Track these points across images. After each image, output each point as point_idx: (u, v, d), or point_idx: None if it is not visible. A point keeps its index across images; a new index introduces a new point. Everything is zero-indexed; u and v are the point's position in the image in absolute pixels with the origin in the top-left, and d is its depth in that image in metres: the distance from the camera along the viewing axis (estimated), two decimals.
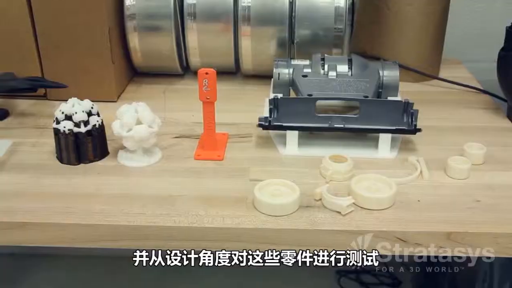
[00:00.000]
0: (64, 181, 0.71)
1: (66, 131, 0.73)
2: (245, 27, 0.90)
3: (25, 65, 0.90)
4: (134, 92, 0.97)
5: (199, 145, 0.78)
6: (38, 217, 0.63)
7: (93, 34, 0.87)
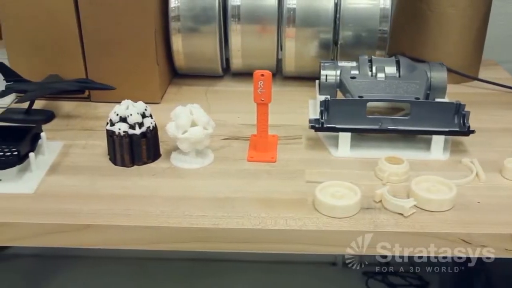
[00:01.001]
0: (120, 183, 0.71)
1: (121, 133, 0.73)
2: (289, 28, 0.90)
3: (70, 66, 0.90)
4: (175, 94, 0.97)
5: (251, 147, 0.78)
6: (100, 219, 0.64)
7: (140, 36, 0.87)
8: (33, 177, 0.71)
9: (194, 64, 0.96)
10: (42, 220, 0.64)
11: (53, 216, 0.64)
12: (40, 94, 0.84)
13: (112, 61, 0.89)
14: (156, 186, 0.70)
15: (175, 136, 0.72)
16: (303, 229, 0.63)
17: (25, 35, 0.88)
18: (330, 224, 0.63)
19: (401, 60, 0.84)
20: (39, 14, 0.87)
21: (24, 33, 0.88)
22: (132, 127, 0.73)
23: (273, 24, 0.91)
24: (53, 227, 0.63)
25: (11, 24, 0.88)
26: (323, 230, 0.62)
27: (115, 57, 0.89)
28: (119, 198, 0.67)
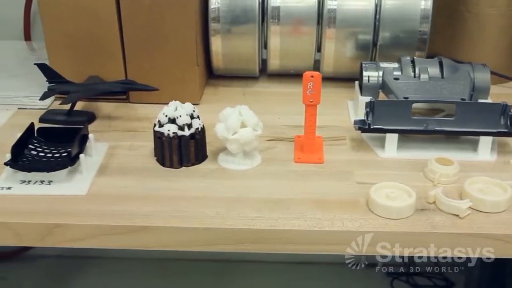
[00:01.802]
0: (170, 185, 0.71)
1: (170, 135, 0.72)
2: (330, 29, 0.90)
3: (109, 67, 0.90)
4: (213, 95, 0.97)
5: (297, 148, 0.78)
6: (156, 221, 0.64)
7: (180, 37, 0.87)
8: (84, 179, 0.71)
9: (232, 65, 0.96)
10: (97, 221, 0.64)
11: (108, 217, 0.64)
12: (84, 95, 0.84)
13: (152, 62, 0.89)
14: (207, 187, 0.70)
15: (225, 137, 0.72)
16: (361, 230, 0.63)
17: (66, 36, 0.88)
18: (387, 225, 0.63)
19: (444, 61, 0.84)
20: (81, 16, 0.87)
21: (64, 34, 0.88)
22: (181, 129, 0.73)
23: (313, 25, 0.91)
24: (108, 228, 0.63)
25: (52, 25, 0.88)
26: (381, 231, 0.62)
27: (155, 58, 0.88)
28: (172, 199, 0.67)
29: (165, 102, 0.88)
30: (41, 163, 0.71)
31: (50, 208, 0.66)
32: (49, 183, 0.70)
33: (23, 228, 0.64)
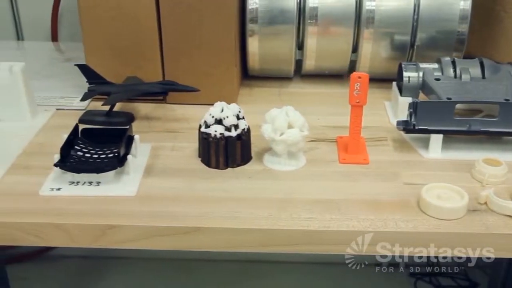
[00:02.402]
0: (219, 186, 0.70)
1: (217, 135, 0.72)
2: (368, 30, 0.90)
3: (147, 68, 0.90)
4: (248, 95, 0.96)
5: (341, 149, 0.78)
6: (209, 222, 0.64)
7: (219, 38, 0.87)
8: (132, 180, 0.71)
9: (267, 66, 0.96)
10: (150, 222, 0.64)
11: (160, 218, 0.64)
12: (126, 96, 0.84)
13: (190, 63, 0.89)
14: (256, 188, 0.70)
15: (272, 138, 0.72)
16: (415, 231, 0.62)
17: (104, 37, 0.88)
18: (441, 226, 0.63)
19: (485, 62, 0.84)
20: (120, 17, 0.87)
21: (103, 35, 0.88)
22: (228, 129, 0.73)
23: (350, 26, 0.91)
24: (162, 230, 0.63)
25: (90, 27, 0.88)
26: (436, 232, 0.62)
27: (193, 58, 0.88)
28: (222, 200, 0.67)
29: (202, 103, 0.89)
30: (90, 164, 0.71)
31: (102, 209, 0.66)
32: (97, 184, 0.70)
33: (76, 229, 0.64)
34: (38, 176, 0.72)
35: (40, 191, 0.69)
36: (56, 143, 0.80)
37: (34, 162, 0.76)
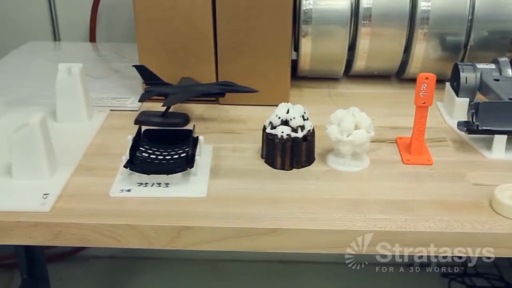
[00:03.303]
0: (288, 187, 0.70)
1: (284, 136, 0.72)
2: (422, 30, 0.90)
3: (200, 69, 0.90)
4: (299, 96, 0.96)
5: (403, 150, 0.78)
6: (286, 223, 0.63)
7: (275, 39, 0.87)
8: (200, 181, 0.71)
9: (318, 66, 0.96)
10: (225, 224, 0.64)
11: (235, 220, 0.64)
12: (185, 97, 0.84)
13: (244, 64, 0.89)
14: (325, 189, 0.70)
15: (338, 139, 0.72)
16: (492, 232, 0.62)
17: (158, 38, 0.88)
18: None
19: None
20: (175, 19, 0.87)
21: (157, 36, 0.88)
22: (295, 130, 0.73)
23: (403, 26, 0.91)
24: (239, 231, 0.63)
25: (145, 28, 0.88)
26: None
27: (247, 59, 0.89)
28: (295, 201, 0.67)
29: (254, 103, 0.89)
30: (159, 166, 0.71)
31: (175, 211, 0.66)
32: (166, 185, 0.70)
33: (152, 230, 0.64)
34: (104, 177, 0.72)
35: (110, 192, 0.69)
36: (115, 144, 0.81)
37: (97, 163, 0.76)
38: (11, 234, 0.64)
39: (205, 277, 1.60)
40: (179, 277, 1.60)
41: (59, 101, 0.84)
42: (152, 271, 1.61)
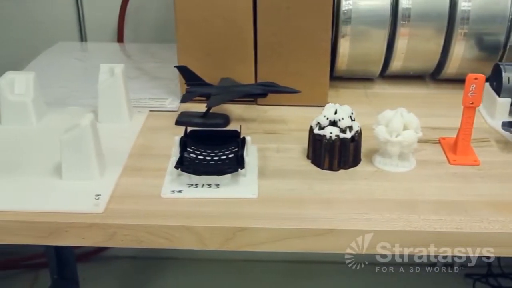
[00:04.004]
0: (337, 187, 0.70)
1: (332, 137, 0.72)
2: (461, 30, 0.90)
3: (239, 70, 0.90)
4: (336, 97, 0.96)
5: (447, 150, 0.78)
6: (341, 224, 0.63)
7: (315, 40, 0.87)
8: (250, 182, 0.71)
9: (355, 67, 0.96)
10: (280, 224, 0.64)
11: (289, 220, 0.64)
12: (228, 98, 0.84)
13: (284, 65, 0.89)
14: (375, 189, 0.70)
15: (387, 139, 0.72)
16: None
17: (198, 39, 0.88)
18: None
19: None
20: (216, 20, 0.87)
21: (197, 37, 0.88)
22: (343, 131, 0.73)
23: (442, 27, 0.91)
24: (293, 232, 0.63)
25: (185, 29, 0.88)
26: None
27: (286, 60, 0.89)
28: (346, 202, 0.67)
29: (293, 104, 0.90)
30: (210, 166, 0.71)
31: (228, 212, 0.66)
32: (216, 186, 0.70)
33: (207, 231, 0.64)
34: (152, 178, 0.72)
35: (162, 193, 0.69)
36: (158, 144, 0.81)
37: (143, 164, 0.76)
38: (66, 235, 0.64)
39: (227, 277, 1.60)
40: (201, 277, 1.60)
41: (101, 101, 0.84)
42: (174, 271, 1.61)
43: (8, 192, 0.69)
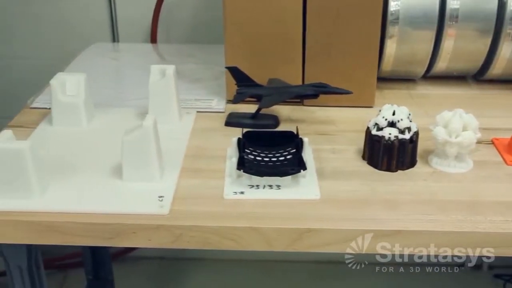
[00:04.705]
0: (398, 188, 0.70)
1: (391, 138, 0.72)
2: (510, 31, 0.90)
3: (286, 70, 0.90)
4: (381, 98, 0.96)
5: (503, 151, 0.78)
6: (409, 224, 0.63)
7: (364, 41, 0.87)
8: (310, 183, 0.71)
9: (400, 68, 0.96)
10: (346, 226, 0.64)
11: (356, 221, 0.64)
12: (280, 99, 0.84)
13: (332, 65, 0.89)
14: (437, 190, 0.70)
15: (446, 140, 0.72)
16: None
17: (246, 40, 0.89)
18: None
19: None
20: (265, 20, 0.87)
21: (245, 38, 0.89)
22: (402, 132, 0.73)
23: (490, 27, 0.91)
24: (361, 233, 0.63)
25: (234, 29, 0.88)
26: None
27: (334, 61, 0.89)
28: (409, 203, 0.67)
29: (340, 105, 0.89)
30: (271, 168, 0.71)
31: (293, 213, 0.66)
32: (278, 187, 0.70)
33: (274, 233, 0.64)
34: (210, 179, 0.72)
35: (224, 194, 0.69)
36: (211, 145, 0.81)
37: (199, 165, 0.76)
38: (132, 236, 0.64)
39: (254, 278, 1.60)
40: (229, 278, 1.60)
41: (152, 102, 0.84)
42: (201, 271, 1.61)
43: (69, 194, 0.69)
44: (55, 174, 0.71)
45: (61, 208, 0.66)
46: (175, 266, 1.62)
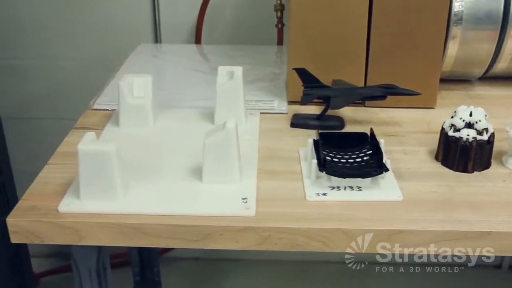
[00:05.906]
0: (478, 190, 0.70)
1: (469, 139, 0.72)
2: None
3: (349, 71, 0.90)
4: (440, 99, 0.95)
5: None
6: (499, 226, 0.63)
7: (429, 42, 0.87)
8: (390, 184, 0.71)
9: (459, 68, 0.96)
10: (438, 227, 0.63)
11: (443, 223, 0.64)
12: (350, 100, 0.84)
13: (395, 66, 0.89)
14: None
15: None
16: None
17: (310, 40, 0.89)
18: None
19: None
20: (330, 21, 0.87)
21: (310, 38, 0.89)
22: (480, 133, 0.73)
23: None
24: (451, 234, 0.63)
25: (299, 30, 0.88)
26: None
27: (398, 61, 0.89)
28: (492, 204, 0.67)
29: (402, 106, 0.89)
30: (353, 169, 0.71)
31: (378, 214, 0.66)
32: (358, 189, 0.70)
33: (362, 234, 0.64)
34: (288, 180, 0.72)
35: (307, 196, 0.69)
36: (281, 147, 0.81)
37: (274, 166, 0.76)
38: (220, 238, 0.64)
39: (291, 279, 1.60)
40: (265, 279, 1.60)
41: (219, 103, 0.84)
42: (237, 272, 1.61)
43: (150, 195, 0.69)
44: (133, 175, 0.71)
45: (145, 210, 0.66)
46: (210, 267, 1.62)
